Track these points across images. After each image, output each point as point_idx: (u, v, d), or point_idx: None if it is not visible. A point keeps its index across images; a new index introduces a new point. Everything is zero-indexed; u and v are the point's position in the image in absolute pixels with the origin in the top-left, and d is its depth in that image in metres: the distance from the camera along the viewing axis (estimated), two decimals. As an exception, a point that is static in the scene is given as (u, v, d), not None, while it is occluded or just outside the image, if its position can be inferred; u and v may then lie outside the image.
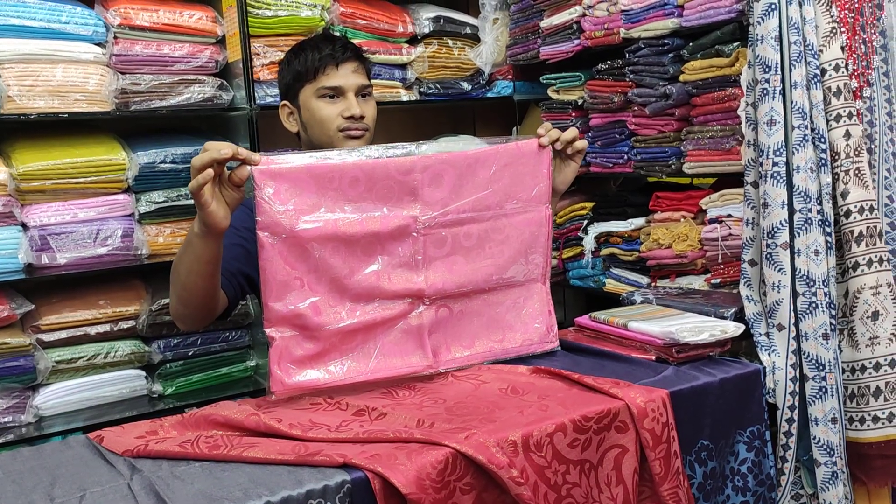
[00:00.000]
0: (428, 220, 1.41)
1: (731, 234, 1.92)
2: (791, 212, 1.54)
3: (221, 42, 2.30)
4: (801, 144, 1.53)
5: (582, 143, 1.56)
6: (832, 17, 1.56)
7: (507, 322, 1.52)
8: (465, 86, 2.70)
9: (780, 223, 1.54)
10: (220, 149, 1.27)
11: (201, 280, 1.43)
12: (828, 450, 1.52)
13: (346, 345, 1.37)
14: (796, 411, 1.53)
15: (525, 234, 1.51)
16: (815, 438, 1.53)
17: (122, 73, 2.16)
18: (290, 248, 1.31)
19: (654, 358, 1.51)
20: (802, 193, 1.53)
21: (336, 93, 1.74)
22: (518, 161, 1.49)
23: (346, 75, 1.74)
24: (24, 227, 2.07)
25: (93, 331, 2.17)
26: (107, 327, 2.19)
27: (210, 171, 1.27)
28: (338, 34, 1.81)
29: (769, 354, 1.55)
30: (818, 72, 1.54)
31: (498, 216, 1.48)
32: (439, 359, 1.45)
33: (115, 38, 2.14)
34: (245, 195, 1.38)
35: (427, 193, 1.40)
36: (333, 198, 1.34)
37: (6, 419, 2.06)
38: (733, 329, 1.52)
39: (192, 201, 2.26)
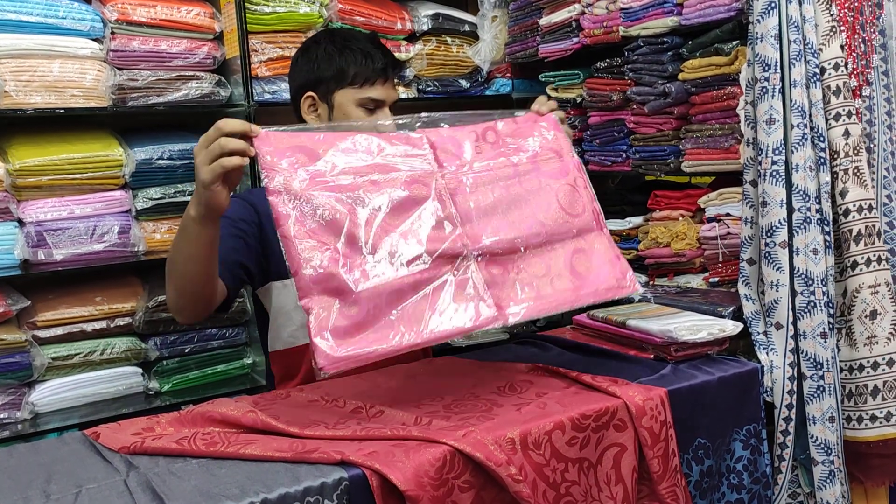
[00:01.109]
0: (451, 177, 1.34)
1: (729, 233, 1.92)
2: (790, 210, 1.54)
3: (219, 38, 2.29)
4: (801, 143, 1.53)
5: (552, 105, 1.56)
6: (832, 15, 1.55)
7: (574, 272, 1.39)
8: (464, 83, 2.69)
9: (779, 222, 1.54)
10: (235, 128, 1.23)
11: (199, 266, 1.39)
12: (825, 449, 1.52)
13: (392, 307, 1.23)
14: (794, 410, 1.53)
15: (561, 186, 1.43)
16: (812, 437, 1.53)
17: (120, 69, 2.15)
18: (308, 211, 1.22)
19: (651, 356, 1.51)
20: (801, 192, 1.53)
21: (376, 105, 1.68)
22: (524, 126, 1.47)
23: (388, 90, 1.70)
24: (21, 222, 2.06)
25: (89, 327, 2.17)
26: (103, 324, 2.19)
27: (237, 160, 1.22)
28: (381, 41, 1.77)
29: (767, 353, 1.55)
30: (817, 70, 1.54)
31: (526, 171, 1.41)
32: (503, 311, 1.29)
33: (113, 33, 2.14)
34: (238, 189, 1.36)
35: (444, 157, 1.35)
36: (346, 161, 1.27)
37: (2, 416, 2.05)
38: (732, 328, 1.52)
39: (188, 198, 2.26)
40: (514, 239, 1.35)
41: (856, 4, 1.59)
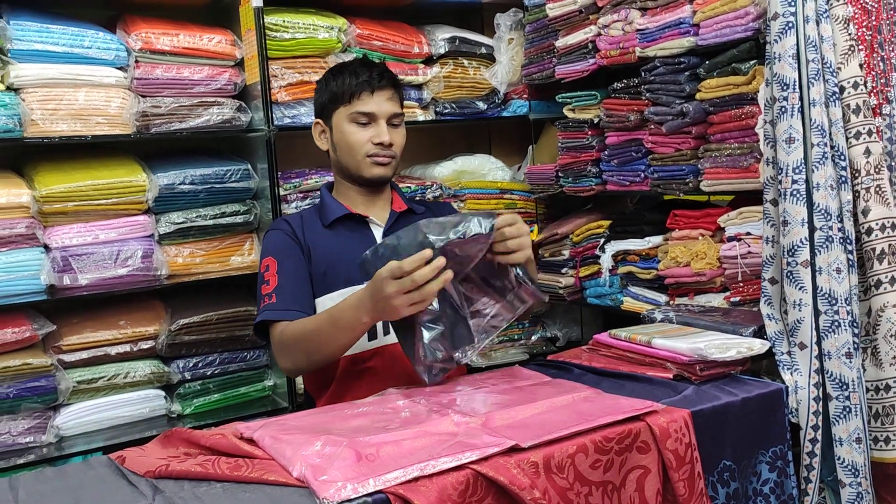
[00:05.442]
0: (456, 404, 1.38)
1: (750, 252, 1.91)
2: (811, 229, 1.53)
3: (240, 64, 2.33)
4: (821, 162, 1.52)
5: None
6: (850, 34, 1.55)
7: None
8: (481, 105, 2.71)
9: (801, 241, 1.53)
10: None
11: (346, 348, 1.59)
12: (852, 470, 1.50)
13: (391, 455, 1.17)
14: (819, 431, 1.51)
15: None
16: (839, 459, 1.51)
17: (143, 96, 2.19)
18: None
19: (671, 376, 1.50)
20: (823, 211, 1.52)
21: (369, 119, 1.75)
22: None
23: (379, 102, 1.75)
24: (47, 248, 2.09)
25: (113, 351, 2.19)
26: (127, 347, 2.21)
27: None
28: (377, 61, 1.86)
29: (791, 373, 1.54)
30: (837, 89, 1.53)
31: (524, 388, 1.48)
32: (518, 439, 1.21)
33: (137, 62, 2.18)
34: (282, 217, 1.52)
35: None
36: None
37: (28, 439, 2.07)
38: (759, 346, 1.51)
39: (210, 221, 2.28)
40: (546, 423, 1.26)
41: (874, 23, 1.59)
